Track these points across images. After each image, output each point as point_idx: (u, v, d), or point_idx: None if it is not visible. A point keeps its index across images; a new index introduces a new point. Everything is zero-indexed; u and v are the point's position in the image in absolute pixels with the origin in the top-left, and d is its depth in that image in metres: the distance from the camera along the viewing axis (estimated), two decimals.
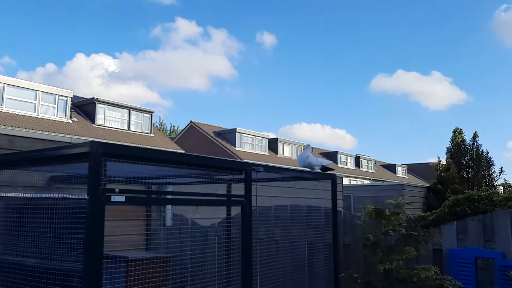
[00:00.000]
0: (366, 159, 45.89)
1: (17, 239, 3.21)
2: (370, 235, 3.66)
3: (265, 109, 75.70)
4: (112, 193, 2.48)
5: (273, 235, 4.63)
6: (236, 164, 3.41)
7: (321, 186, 4.52)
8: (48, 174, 3.52)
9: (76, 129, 23.08)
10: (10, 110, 20.93)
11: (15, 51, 65.93)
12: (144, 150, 2.85)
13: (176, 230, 4.92)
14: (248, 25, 70.27)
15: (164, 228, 5.08)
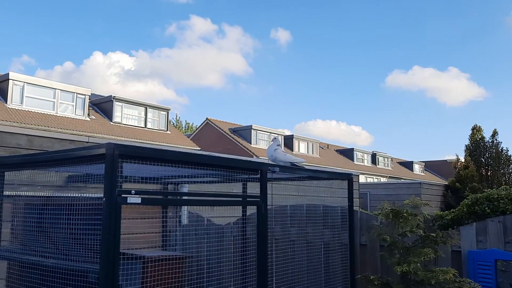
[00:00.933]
0: (382, 156, 45.44)
1: (35, 238, 3.26)
2: (387, 236, 3.61)
3: (280, 106, 75.61)
4: (128, 194, 2.49)
5: (289, 234, 4.61)
6: (251, 164, 3.40)
7: (337, 185, 4.48)
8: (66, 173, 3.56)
9: (94, 126, 23.37)
10: (29, 108, 21.32)
11: (34, 50, 67.20)
12: (160, 151, 2.86)
13: (192, 229, 4.94)
14: (262, 22, 70.19)
15: (180, 226, 5.10)
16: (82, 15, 64.64)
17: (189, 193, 3.92)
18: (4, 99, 20.86)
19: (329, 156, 40.05)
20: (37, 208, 3.27)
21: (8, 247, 3.47)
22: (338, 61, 70.93)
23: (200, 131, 35.56)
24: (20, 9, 60.79)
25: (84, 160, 2.60)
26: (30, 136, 4.58)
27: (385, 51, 68.57)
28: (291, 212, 4.87)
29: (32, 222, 3.33)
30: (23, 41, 65.02)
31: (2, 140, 4.37)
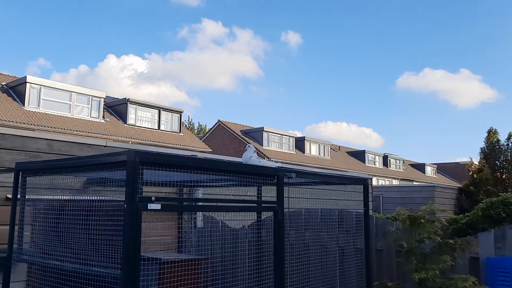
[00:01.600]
0: (394, 158, 45.10)
1: (54, 241, 3.31)
2: (404, 242, 3.60)
3: (291, 108, 75.60)
4: (148, 201, 2.53)
5: (303, 238, 4.61)
6: (268, 170, 3.42)
7: (352, 189, 4.48)
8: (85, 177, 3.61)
9: (109, 128, 23.61)
10: (46, 111, 21.63)
11: (49, 53, 68.16)
12: (180, 158, 2.90)
13: (207, 231, 4.97)
14: (273, 25, 70.33)
15: (195, 229, 5.13)
16: (96, 19, 65.44)
17: (206, 199, 3.95)
18: (22, 101, 21.19)
19: (340, 158, 39.88)
20: (56, 211, 3.33)
21: (29, 250, 3.53)
22: (348, 63, 70.73)
23: (212, 133, 35.69)
24: (37, 13, 61.75)
25: (106, 167, 2.64)
26: (49, 141, 4.66)
27: (396, 54, 68.18)
28: (306, 216, 4.88)
29: (51, 225, 3.38)
30: (39, 44, 66.07)
31: (22, 144, 4.45)
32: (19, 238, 3.30)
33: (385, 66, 70.16)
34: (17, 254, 3.25)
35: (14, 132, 4.51)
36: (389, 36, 66.89)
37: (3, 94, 21.48)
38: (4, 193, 4.27)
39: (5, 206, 4.24)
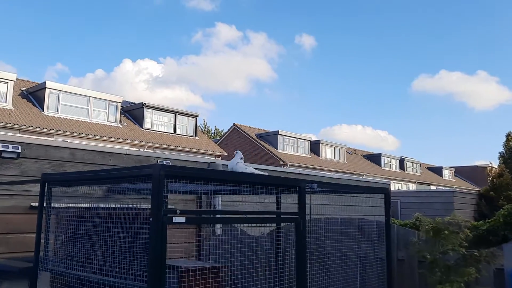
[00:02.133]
0: (411, 161, 44.58)
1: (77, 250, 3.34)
2: (427, 253, 3.56)
3: (305, 111, 75.47)
4: (173, 214, 2.55)
5: (323, 247, 4.59)
6: (290, 181, 3.42)
7: (372, 196, 4.45)
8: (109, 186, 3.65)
9: (126, 133, 23.87)
10: (64, 115, 21.97)
11: (67, 58, 69.28)
12: (204, 171, 2.92)
13: (226, 239, 4.98)
14: (287, 28, 70.42)
15: (214, 237, 5.15)
16: (112, 24, 66.40)
17: (226, 211, 3.96)
18: (41, 106, 21.57)
19: (356, 162, 39.59)
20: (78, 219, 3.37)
21: (52, 259, 3.58)
22: (363, 65, 70.34)
23: (227, 137, 35.79)
24: (55, 20, 62.86)
25: (132, 179, 2.68)
26: (72, 149, 4.73)
27: (411, 56, 67.58)
28: (326, 225, 4.85)
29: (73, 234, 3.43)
30: (57, 50, 67.26)
31: (46, 153, 4.53)
32: (44, 247, 3.35)
33: (400, 68, 69.65)
34: (43, 263, 3.30)
35: (39, 141, 4.59)
36: (405, 38, 66.37)
37: (23, 99, 21.89)
38: (28, 202, 4.36)
39: (30, 215, 4.33)
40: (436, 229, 3.53)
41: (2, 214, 4.22)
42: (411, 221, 9.85)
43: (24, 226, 4.30)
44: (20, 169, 4.34)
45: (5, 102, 20.44)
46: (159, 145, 24.37)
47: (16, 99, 21.29)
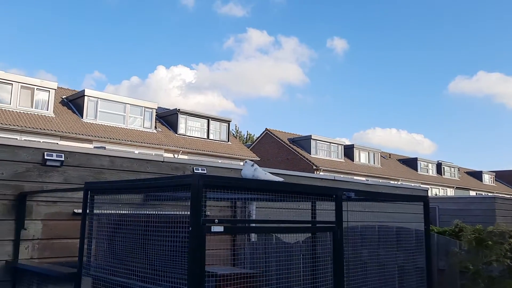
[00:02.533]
0: (448, 166, 43.31)
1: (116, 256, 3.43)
2: (470, 264, 3.45)
3: (338, 115, 74.71)
4: (212, 223, 2.59)
5: (360, 256, 4.52)
6: (326, 190, 3.40)
7: (413, 208, 4.35)
8: None
9: (161, 138, 24.34)
10: (102, 122, 22.65)
11: (104, 66, 71.54)
12: (242, 181, 2.94)
13: (261, 246, 4.98)
14: (318, 32, 70.11)
15: (249, 243, 5.16)
16: (147, 32, 68.10)
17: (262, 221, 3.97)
18: (80, 113, 22.32)
19: (391, 166, 38.81)
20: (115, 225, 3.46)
21: (95, 264, 3.69)
22: (397, 67, 69.01)
23: (259, 142, 35.87)
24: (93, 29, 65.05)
25: (171, 189, 2.73)
26: (111, 157, 4.87)
27: (448, 57, 65.78)
28: (363, 233, 4.78)
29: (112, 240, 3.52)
30: (95, 58, 69.54)
31: (87, 161, 4.68)
32: (87, 253, 3.46)
33: (436, 70, 67.99)
34: (86, 268, 3.40)
35: (81, 150, 4.76)
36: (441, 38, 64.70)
37: (64, 107, 22.72)
38: (71, 209, 4.51)
39: (72, 221, 4.48)
40: (479, 239, 3.42)
41: (47, 220, 4.38)
42: (450, 228, 9.56)
43: (67, 232, 4.45)
44: (63, 176, 4.50)
45: (46, 110, 21.28)
46: (193, 150, 24.71)
47: (57, 107, 22.13)
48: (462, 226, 8.25)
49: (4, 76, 20.16)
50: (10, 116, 19.72)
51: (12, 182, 4.21)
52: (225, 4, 71.58)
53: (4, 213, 4.14)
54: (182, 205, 3.24)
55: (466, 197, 16.39)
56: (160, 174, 5.13)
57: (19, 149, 4.28)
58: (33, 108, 20.86)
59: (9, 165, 4.20)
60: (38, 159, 4.36)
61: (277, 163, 31.76)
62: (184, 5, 68.14)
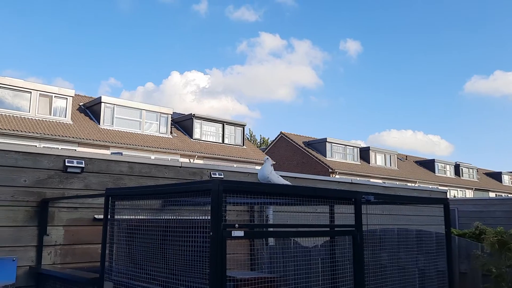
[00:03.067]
0: (467, 167, 42.63)
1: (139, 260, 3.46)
2: (493, 267, 3.40)
3: (352, 117, 74.34)
4: (232, 228, 2.60)
5: (379, 259, 4.48)
6: (345, 193, 3.39)
7: (432, 210, 4.31)
8: None
9: (176, 143, 24.51)
10: (119, 128, 22.93)
11: (119, 73, 72.44)
12: (260, 185, 2.96)
13: (279, 249, 4.97)
14: (331, 34, 69.92)
15: (267, 247, 5.16)
16: (161, 38, 68.75)
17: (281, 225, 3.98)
18: (97, 120, 22.64)
19: (408, 168, 38.38)
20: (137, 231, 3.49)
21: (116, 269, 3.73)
22: (411, 68, 68.39)
23: (274, 145, 35.86)
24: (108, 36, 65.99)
25: (192, 194, 2.76)
26: (130, 163, 4.94)
27: (463, 57, 64.91)
28: (382, 236, 4.75)
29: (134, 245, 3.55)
30: (110, 65, 70.53)
31: (107, 167, 4.75)
32: (109, 258, 3.51)
33: (451, 70, 67.20)
34: (108, 273, 3.45)
35: (100, 156, 4.83)
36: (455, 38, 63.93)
37: (81, 114, 23.08)
38: (92, 214, 4.58)
39: (93, 226, 4.55)
40: (501, 241, 3.36)
41: (68, 226, 4.46)
42: (471, 230, 9.41)
43: (88, 237, 4.52)
44: (84, 182, 4.58)
45: (64, 117, 21.63)
46: (208, 154, 24.82)
47: (74, 114, 22.48)
48: (482, 228, 8.12)
49: (23, 85, 20.57)
50: (29, 124, 20.09)
51: (34, 189, 4.29)
52: (237, 9, 71.99)
53: (27, 219, 4.23)
54: (200, 210, 3.27)
55: (486, 199, 16.10)
56: (178, 179, 5.17)
57: (41, 157, 4.37)
58: (51, 115, 21.23)
59: (31, 172, 4.29)
60: (59, 166, 4.45)
61: (292, 166, 31.69)
62: (196, 11, 68.75)
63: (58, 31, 60.89)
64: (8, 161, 4.18)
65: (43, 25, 59.50)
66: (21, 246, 4.17)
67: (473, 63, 66.57)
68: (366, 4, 66.40)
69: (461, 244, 4.32)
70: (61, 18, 59.14)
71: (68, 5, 57.95)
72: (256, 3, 73.15)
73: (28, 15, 58.05)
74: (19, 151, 4.28)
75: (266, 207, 5.61)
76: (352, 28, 69.26)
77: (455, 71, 67.32)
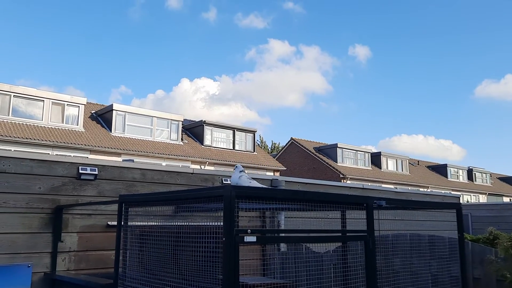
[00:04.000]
0: (480, 171, 42.12)
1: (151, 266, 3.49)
2: (507, 272, 3.36)
3: (362, 123, 74.00)
4: (245, 233, 2.62)
5: (392, 265, 4.46)
6: (357, 199, 3.39)
7: (445, 215, 4.28)
8: None
9: (187, 150, 24.63)
10: (130, 135, 23.12)
11: (130, 81, 73.18)
12: (272, 191, 2.98)
13: (291, 255, 4.97)
14: (339, 40, 69.89)
15: (279, 253, 5.16)
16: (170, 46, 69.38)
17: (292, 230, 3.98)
18: (109, 127, 22.86)
19: (420, 173, 38.04)
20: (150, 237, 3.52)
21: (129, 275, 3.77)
22: (421, 73, 68.00)
23: (285, 151, 35.82)
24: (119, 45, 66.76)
25: (204, 200, 2.79)
26: (143, 170, 4.99)
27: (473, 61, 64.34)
28: (394, 241, 4.72)
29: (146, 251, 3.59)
30: (121, 73, 71.29)
31: (120, 174, 4.81)
32: (123, 264, 3.54)
33: (461, 75, 66.58)
34: (122, 279, 3.49)
35: (113, 163, 4.89)
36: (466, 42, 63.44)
37: (93, 121, 23.33)
38: (105, 221, 4.63)
39: (106, 233, 4.60)
40: None
41: (82, 232, 4.51)
42: (484, 235, 9.31)
43: (101, 243, 4.57)
44: (97, 189, 4.63)
45: (76, 125, 21.89)
46: (219, 161, 24.89)
47: (86, 121, 22.74)
48: (496, 233, 8.02)
49: (36, 93, 20.87)
50: (42, 132, 20.36)
51: (49, 196, 4.36)
52: (246, 16, 72.36)
53: (42, 226, 4.29)
54: (212, 216, 3.29)
55: (500, 204, 15.90)
56: (190, 185, 5.21)
57: (55, 164, 4.44)
58: (63, 123, 21.50)
59: (46, 180, 4.36)
60: (73, 173, 4.51)
61: (303, 172, 31.61)
62: (206, 19, 69.26)
63: (70, 41, 61.78)
64: (24, 168, 4.26)
65: (55, 35, 60.45)
66: (36, 253, 4.23)
67: (484, 67, 65.98)
68: (373, 9, 66.37)
69: (474, 250, 4.28)
70: (73, 28, 60.05)
71: (80, 15, 58.84)
72: (265, 11, 73.61)
73: (39, 26, 59.05)
74: (34, 159, 4.36)
75: (278, 213, 5.62)
76: (360, 33, 69.24)
77: (465, 76, 66.83)
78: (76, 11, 57.63)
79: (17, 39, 58.42)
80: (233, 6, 70.50)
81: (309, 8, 69.35)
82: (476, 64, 65.32)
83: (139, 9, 65.47)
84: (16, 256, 4.12)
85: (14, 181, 4.19)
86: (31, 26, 58.52)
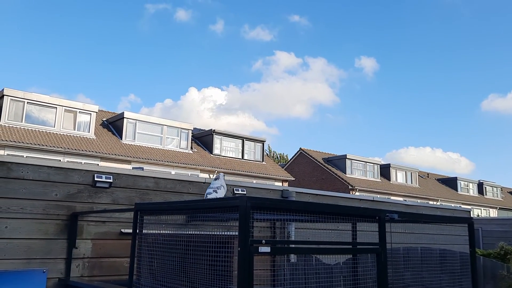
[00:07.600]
0: (490, 185, 41.70)
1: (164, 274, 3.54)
2: None
3: (370, 135, 73.81)
4: (259, 244, 2.67)
5: (403, 278, 4.46)
6: (369, 211, 3.42)
7: (455, 229, 4.29)
8: None
9: (196, 159, 24.74)
10: (140, 143, 23.30)
11: (138, 89, 73.94)
12: (285, 202, 3.03)
13: (301, 267, 4.99)
14: (345, 52, 70.07)
15: (288, 264, 5.17)
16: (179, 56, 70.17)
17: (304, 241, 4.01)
18: (120, 135, 23.07)
19: (429, 186, 37.75)
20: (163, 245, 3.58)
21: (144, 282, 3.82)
22: (428, 85, 67.83)
23: (294, 161, 35.80)
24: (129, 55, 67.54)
25: (219, 210, 2.84)
26: (156, 179, 5.06)
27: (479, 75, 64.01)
28: (405, 255, 4.73)
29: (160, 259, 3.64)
30: (130, 82, 72.06)
31: (134, 183, 4.88)
32: (137, 271, 3.60)
33: (468, 89, 66.22)
34: (136, 286, 3.54)
35: (127, 172, 4.97)
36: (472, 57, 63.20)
37: (104, 129, 23.56)
38: (119, 228, 4.70)
39: (120, 240, 4.67)
40: None
41: (96, 239, 4.58)
42: (495, 250, 9.23)
43: (115, 251, 4.63)
44: (111, 197, 4.71)
45: (88, 132, 22.12)
46: (228, 170, 24.95)
47: (97, 129, 22.97)
48: (508, 248, 7.96)
49: (49, 100, 21.17)
50: (54, 139, 20.61)
51: (65, 203, 4.44)
52: (252, 29, 72.99)
53: (58, 232, 4.37)
54: (225, 225, 3.34)
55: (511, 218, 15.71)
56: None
57: (72, 172, 4.53)
58: (75, 130, 21.74)
59: (62, 187, 4.45)
60: (89, 180, 4.60)
61: (312, 183, 31.55)
62: (213, 31, 69.96)
63: (81, 50, 62.69)
64: (41, 175, 4.35)
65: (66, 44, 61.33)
66: (51, 258, 4.30)
67: (490, 82, 65.57)
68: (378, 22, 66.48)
69: (486, 264, 4.28)
70: (84, 37, 60.93)
71: (91, 25, 59.74)
72: (271, 23, 74.18)
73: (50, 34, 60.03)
74: (51, 166, 4.45)
75: (288, 224, 5.64)
76: (366, 45, 69.32)
77: (471, 90, 66.44)
78: (87, 21, 58.55)
79: (29, 47, 59.45)
80: (240, 19, 71.33)
81: (314, 21, 69.85)
82: (482, 78, 65.03)
83: (148, 21, 66.37)
84: (31, 261, 4.19)
85: (31, 188, 4.29)
86: (42, 34, 59.57)
